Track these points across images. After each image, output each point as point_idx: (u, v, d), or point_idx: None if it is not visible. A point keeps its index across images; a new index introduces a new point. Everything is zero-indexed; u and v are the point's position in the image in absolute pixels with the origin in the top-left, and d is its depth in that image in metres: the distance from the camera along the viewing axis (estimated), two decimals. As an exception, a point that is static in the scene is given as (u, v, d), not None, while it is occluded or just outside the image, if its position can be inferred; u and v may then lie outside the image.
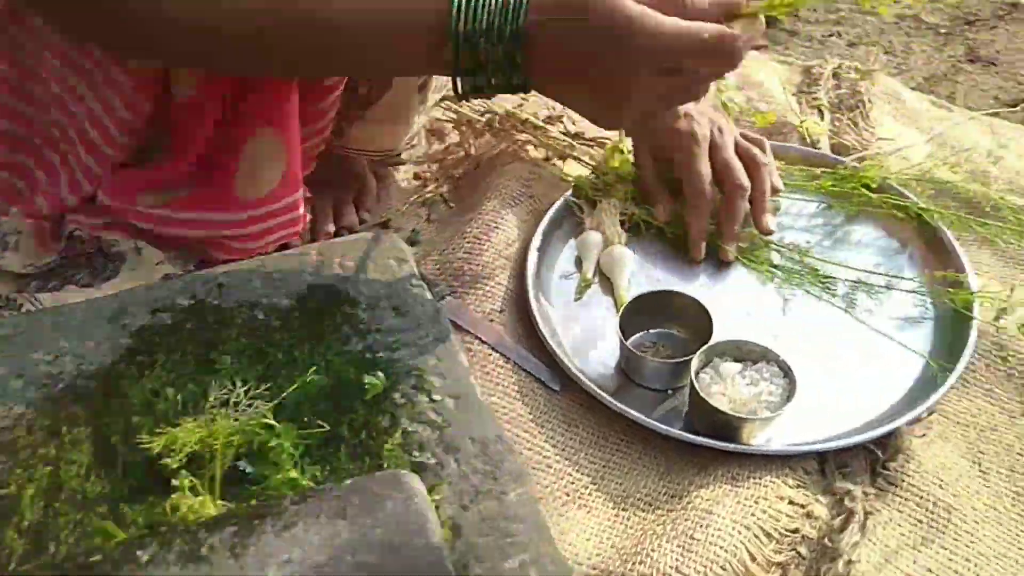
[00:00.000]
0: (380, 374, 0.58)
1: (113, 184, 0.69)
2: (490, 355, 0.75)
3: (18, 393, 0.55)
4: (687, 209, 0.83)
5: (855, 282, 0.80)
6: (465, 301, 0.80)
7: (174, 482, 0.49)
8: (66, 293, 0.66)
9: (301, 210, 0.74)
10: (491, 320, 0.78)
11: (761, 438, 0.68)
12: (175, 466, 0.49)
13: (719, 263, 0.84)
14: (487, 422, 0.57)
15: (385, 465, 0.52)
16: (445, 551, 0.41)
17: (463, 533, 0.50)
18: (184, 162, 0.68)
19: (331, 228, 0.86)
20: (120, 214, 0.70)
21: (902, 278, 0.80)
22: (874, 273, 0.81)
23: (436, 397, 0.57)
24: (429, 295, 0.66)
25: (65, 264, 0.69)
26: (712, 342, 0.71)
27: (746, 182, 0.82)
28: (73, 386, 0.55)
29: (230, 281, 0.65)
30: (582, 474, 0.67)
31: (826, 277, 0.80)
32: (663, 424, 0.69)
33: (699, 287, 0.82)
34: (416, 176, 0.96)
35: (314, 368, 0.57)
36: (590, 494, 0.66)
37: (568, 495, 0.65)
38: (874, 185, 0.85)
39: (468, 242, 0.84)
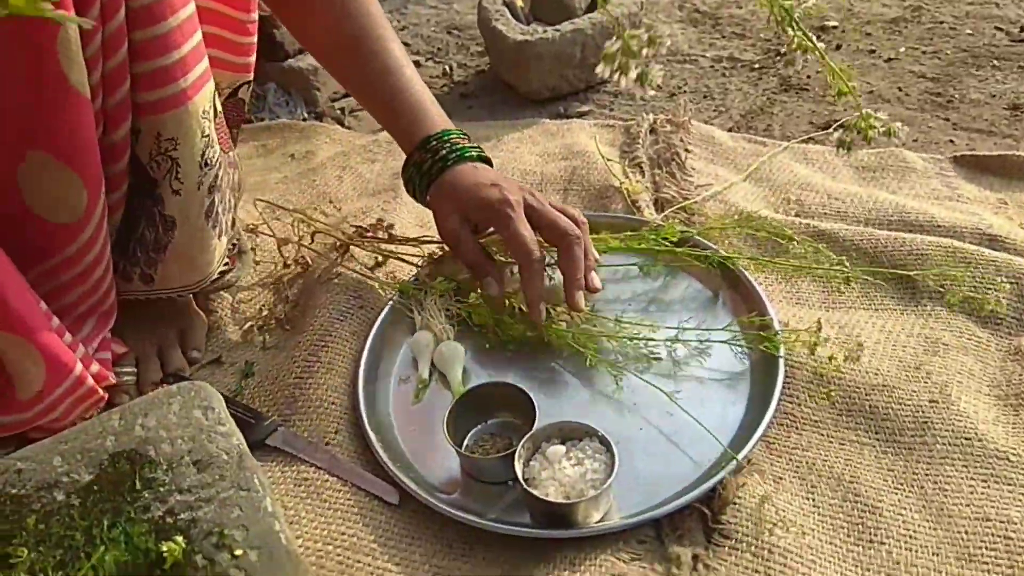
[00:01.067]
0: (179, 539, 0.58)
1: None
2: (326, 480, 0.76)
3: None
4: (520, 274, 0.82)
5: (673, 339, 0.83)
6: (299, 427, 0.80)
7: None
8: None
9: (90, 382, 0.75)
10: (327, 443, 0.79)
11: (596, 515, 0.70)
12: None
13: (542, 350, 0.85)
14: (293, 569, 0.57)
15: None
16: None
17: None
18: None
19: (157, 377, 0.85)
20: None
21: (715, 329, 0.84)
22: (689, 329, 0.84)
23: (238, 552, 0.58)
24: (236, 440, 0.66)
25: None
26: (536, 427, 0.73)
27: (575, 230, 0.82)
28: None
29: (28, 465, 0.64)
30: (423, 588, 0.67)
31: (647, 340, 0.83)
32: (502, 521, 0.71)
33: (530, 370, 0.84)
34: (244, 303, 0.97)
35: (103, 548, 0.56)
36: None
37: (407, 617, 0.66)
38: (675, 239, 0.89)
39: (298, 366, 0.85)
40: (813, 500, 0.72)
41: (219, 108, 0.81)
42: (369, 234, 0.97)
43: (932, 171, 1.12)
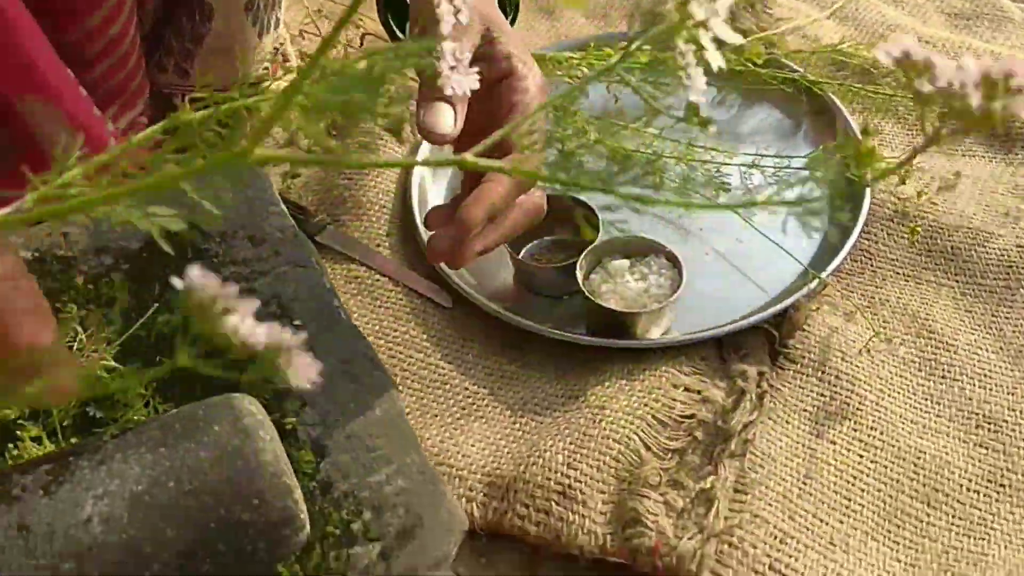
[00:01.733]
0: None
1: None
2: (378, 279, 0.74)
3: None
4: None
5: (750, 165, 0.79)
6: (349, 229, 0.78)
7: (20, 433, 0.47)
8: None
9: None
10: (377, 246, 0.77)
11: (656, 331, 0.68)
12: (13, 416, 0.47)
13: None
14: (352, 341, 0.55)
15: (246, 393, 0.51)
16: (280, 462, 0.40)
17: (328, 453, 0.49)
18: None
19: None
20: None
21: (794, 157, 0.79)
22: (767, 156, 0.80)
23: (297, 322, 0.56)
24: (290, 221, 0.64)
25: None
26: (598, 241, 0.70)
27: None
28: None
29: (76, 230, 0.62)
30: (479, 387, 0.67)
31: (719, 166, 0.79)
32: (557, 329, 0.69)
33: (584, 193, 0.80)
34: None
35: (154, 309, 0.55)
36: (487, 405, 0.65)
37: (464, 409, 0.65)
38: (760, 61, 0.83)
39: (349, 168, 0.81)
40: (885, 334, 0.70)
41: None
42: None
43: (1032, 21, 1.04)
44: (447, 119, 0.57)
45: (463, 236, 0.58)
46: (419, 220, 0.77)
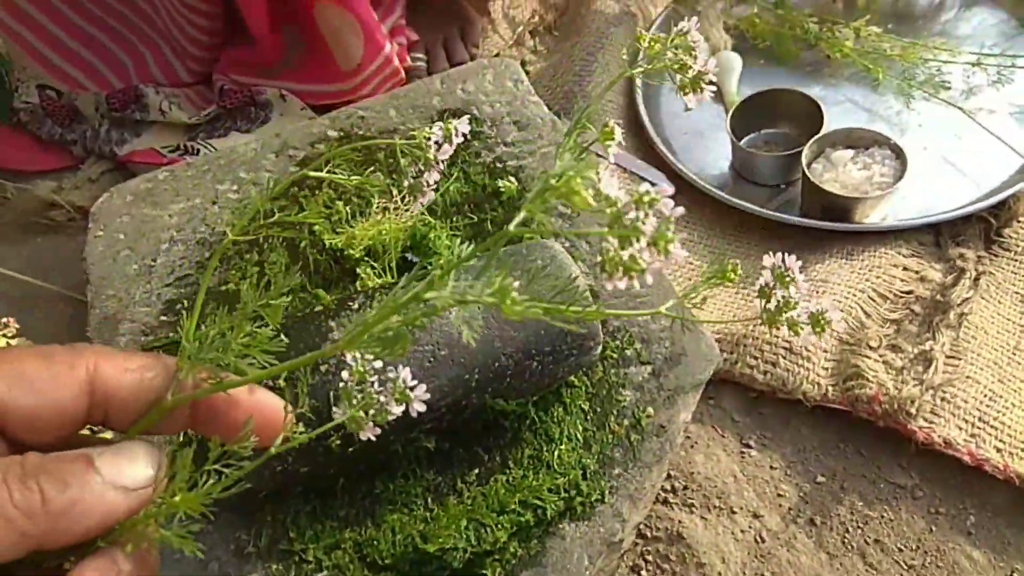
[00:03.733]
0: (512, 179, 0.69)
1: (234, 63, 0.83)
2: (604, 165, 0.85)
3: (217, 216, 0.69)
4: None
5: (973, 64, 0.83)
6: (579, 121, 0.89)
7: (358, 270, 0.62)
8: (231, 138, 0.80)
9: (396, 62, 0.86)
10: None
11: (875, 217, 0.75)
12: (357, 256, 0.62)
13: (825, 62, 0.88)
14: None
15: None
16: (586, 290, 0.53)
17: (599, 298, 0.61)
18: (268, 41, 0.81)
19: (445, 67, 0.95)
20: (254, 84, 0.84)
21: (1019, 56, 0.83)
22: (989, 55, 0.83)
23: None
24: (547, 109, 0.75)
25: (224, 115, 0.83)
26: (823, 132, 0.78)
27: None
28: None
29: (369, 114, 0.77)
30: (702, 261, 0.77)
31: (941, 64, 0.84)
32: (777, 213, 0.77)
33: (807, 86, 0.87)
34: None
35: (455, 176, 0.68)
36: (711, 278, 0.76)
37: (690, 280, 0.76)
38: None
39: (576, 64, 0.92)
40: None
41: None
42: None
43: None
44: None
45: None
46: (642, 109, 0.87)
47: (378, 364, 0.32)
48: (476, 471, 0.53)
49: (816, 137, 0.77)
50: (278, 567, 0.50)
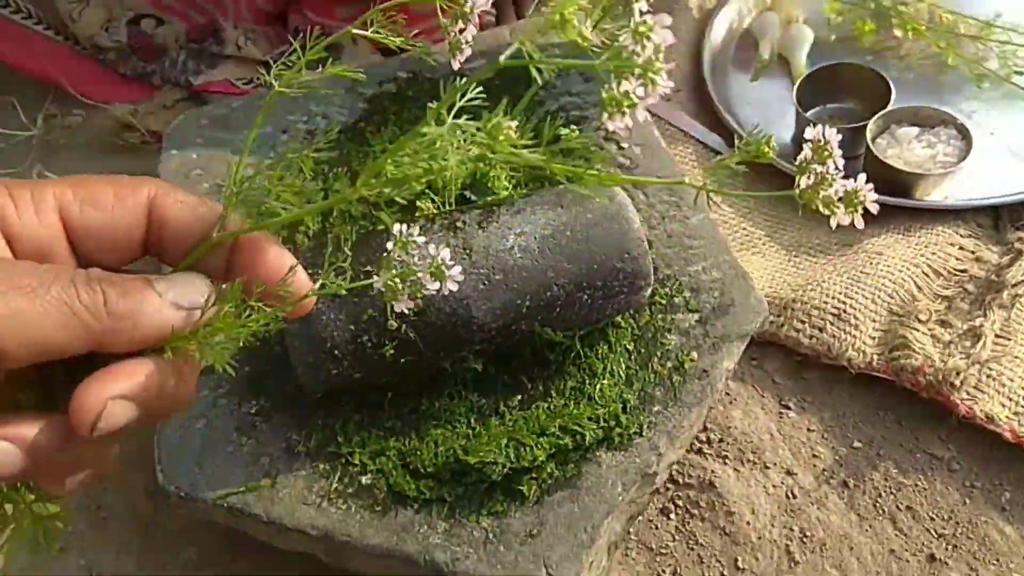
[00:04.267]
0: (574, 127, 0.70)
1: (307, 4, 0.86)
2: (667, 130, 0.86)
3: (285, 144, 0.72)
4: None
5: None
6: (643, 84, 0.90)
7: (418, 203, 0.65)
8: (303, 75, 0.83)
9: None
10: (667, 99, 0.88)
11: (936, 195, 0.75)
12: (418, 189, 0.64)
13: (898, 39, 0.88)
14: (670, 164, 0.68)
15: (584, 198, 0.66)
16: (641, 232, 0.54)
17: (652, 246, 0.63)
18: None
19: (514, 20, 0.97)
20: (329, 24, 0.86)
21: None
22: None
23: (624, 145, 0.69)
24: (614, 63, 0.76)
25: (296, 53, 0.86)
26: (889, 108, 0.78)
27: None
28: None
29: (439, 58, 0.79)
30: (756, 228, 0.78)
31: (1017, 47, 0.83)
32: (836, 186, 0.78)
33: (877, 63, 0.87)
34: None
35: (517, 123, 0.70)
36: (764, 244, 0.76)
37: (743, 244, 0.77)
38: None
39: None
40: None
41: None
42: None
43: None
44: None
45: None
46: (708, 76, 0.88)
47: (421, 239, 0.33)
48: (519, 397, 0.55)
49: (882, 112, 0.77)
50: (325, 467, 0.52)
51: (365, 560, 0.52)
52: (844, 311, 0.67)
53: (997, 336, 0.65)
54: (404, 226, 0.33)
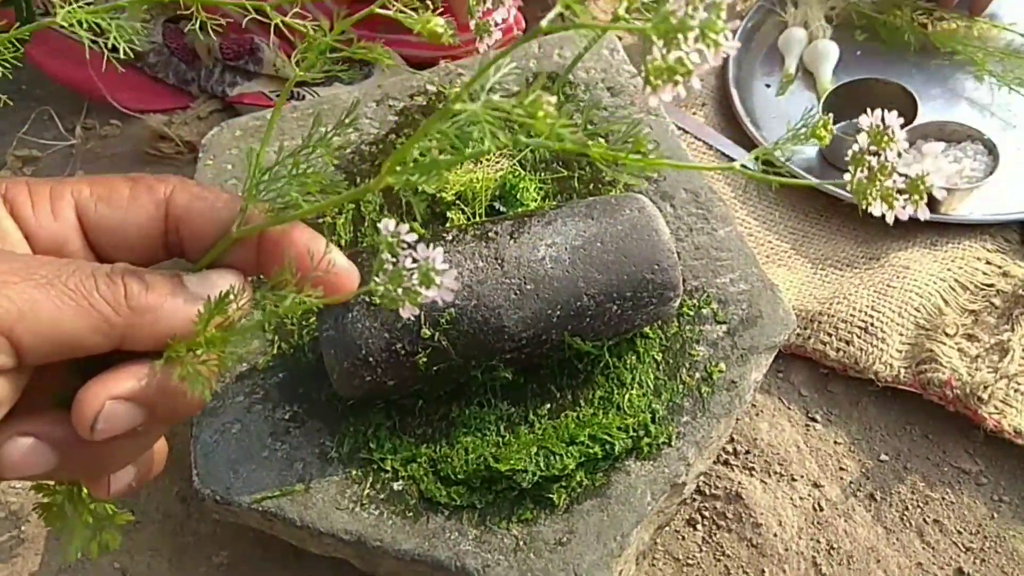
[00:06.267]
0: (601, 139, 0.71)
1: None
2: (692, 143, 0.86)
3: (317, 155, 0.73)
4: None
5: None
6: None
7: (448, 213, 0.65)
8: (336, 88, 0.84)
9: (511, 19, 0.88)
10: (693, 113, 0.89)
11: (963, 210, 0.75)
12: (449, 199, 0.65)
13: (925, 56, 0.88)
14: (697, 176, 0.68)
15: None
16: (671, 243, 0.55)
17: (680, 258, 0.63)
18: None
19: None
20: (363, 39, 0.88)
21: None
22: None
23: (651, 157, 0.70)
24: (640, 79, 0.77)
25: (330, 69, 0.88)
26: (915, 123, 0.78)
27: None
28: (359, 151, 0.73)
29: (468, 73, 0.80)
30: (782, 241, 0.78)
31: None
32: (862, 200, 0.78)
33: (904, 77, 0.87)
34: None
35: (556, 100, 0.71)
36: (790, 257, 0.77)
37: (768, 257, 0.77)
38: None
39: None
40: None
41: None
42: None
43: None
44: None
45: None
46: (733, 89, 0.88)
47: (410, 237, 0.29)
48: (548, 406, 0.55)
49: (908, 128, 0.77)
50: (357, 472, 0.53)
51: (396, 565, 0.52)
52: (871, 324, 0.67)
53: (1025, 350, 0.65)
54: (392, 223, 0.30)
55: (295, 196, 0.33)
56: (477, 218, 0.66)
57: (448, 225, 0.65)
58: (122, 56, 0.85)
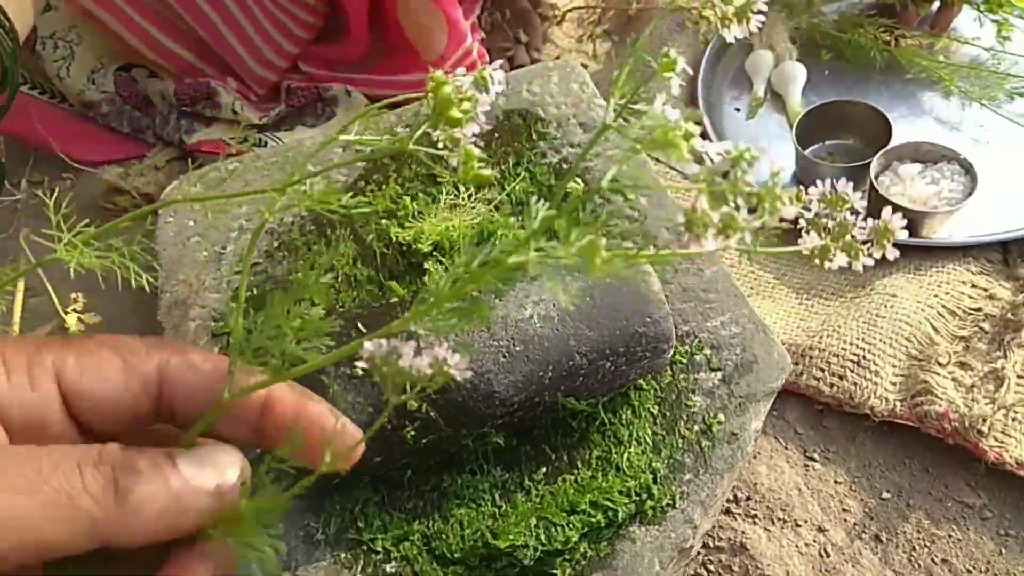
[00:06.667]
0: (579, 180, 0.69)
1: (312, 57, 0.84)
2: (667, 173, 0.85)
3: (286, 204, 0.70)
4: None
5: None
6: (640, 126, 0.89)
7: (426, 265, 0.62)
8: (298, 132, 0.81)
9: (475, 53, 0.86)
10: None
11: (943, 232, 0.74)
12: (425, 250, 0.62)
13: (892, 74, 0.88)
14: (677, 212, 0.66)
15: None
16: (661, 292, 0.53)
17: (668, 301, 0.61)
18: (361, 39, 0.82)
19: (507, 68, 0.96)
20: (323, 79, 0.85)
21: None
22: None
23: (631, 196, 0.68)
24: (612, 113, 0.75)
25: (291, 112, 0.84)
26: (890, 146, 0.77)
27: None
28: (326, 200, 0.70)
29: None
30: (764, 271, 0.76)
31: (1015, 79, 0.83)
32: (842, 225, 0.77)
33: (875, 98, 0.86)
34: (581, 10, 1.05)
35: (520, 176, 0.68)
36: (774, 288, 0.75)
37: (752, 288, 0.75)
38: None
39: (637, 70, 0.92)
40: None
41: None
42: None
43: None
44: None
45: None
46: (706, 119, 0.86)
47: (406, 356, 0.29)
48: (544, 469, 0.53)
49: (884, 150, 0.76)
50: (346, 556, 0.50)
51: (393, 653, 0.49)
52: (863, 357, 0.65)
53: (1019, 376, 0.64)
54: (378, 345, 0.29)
55: (290, 349, 0.30)
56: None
57: (426, 279, 0.62)
58: (70, 107, 0.80)
